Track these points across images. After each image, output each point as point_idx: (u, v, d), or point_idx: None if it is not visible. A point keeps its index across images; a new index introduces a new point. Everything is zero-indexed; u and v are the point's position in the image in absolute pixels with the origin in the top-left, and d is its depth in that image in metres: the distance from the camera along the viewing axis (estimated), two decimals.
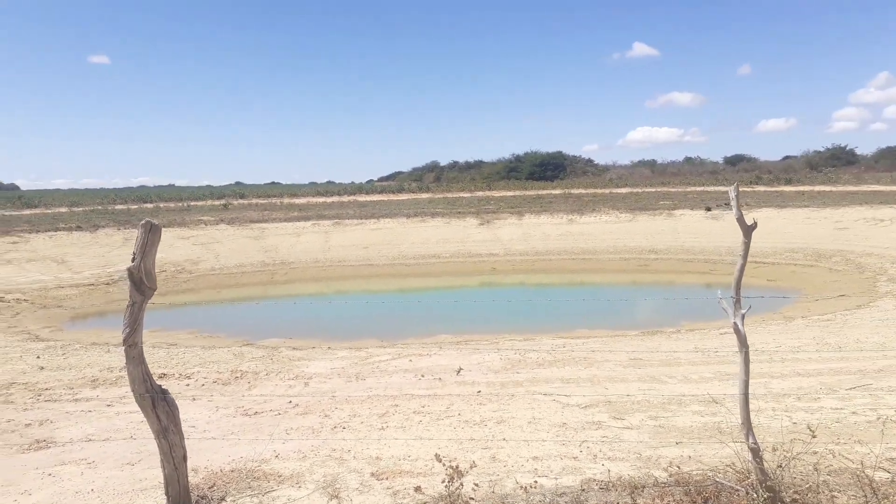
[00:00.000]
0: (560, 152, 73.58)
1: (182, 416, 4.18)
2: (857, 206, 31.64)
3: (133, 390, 3.89)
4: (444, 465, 4.25)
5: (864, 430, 5.40)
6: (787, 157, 76.58)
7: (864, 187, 41.27)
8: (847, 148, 68.27)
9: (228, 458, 5.33)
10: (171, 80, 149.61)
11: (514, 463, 4.95)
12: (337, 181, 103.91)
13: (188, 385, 8.35)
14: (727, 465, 4.25)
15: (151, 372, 4.03)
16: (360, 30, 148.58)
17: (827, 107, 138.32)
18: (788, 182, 47.42)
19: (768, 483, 3.61)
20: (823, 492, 3.86)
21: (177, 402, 4.11)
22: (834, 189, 40.84)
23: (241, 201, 45.70)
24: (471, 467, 4.52)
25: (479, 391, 7.45)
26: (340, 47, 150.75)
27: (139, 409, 3.97)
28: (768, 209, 30.46)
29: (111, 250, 25.48)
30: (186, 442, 4.18)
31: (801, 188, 42.78)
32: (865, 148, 76.37)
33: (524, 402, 6.84)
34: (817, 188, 42.09)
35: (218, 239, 28.93)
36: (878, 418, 5.78)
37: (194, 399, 7.53)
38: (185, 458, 4.14)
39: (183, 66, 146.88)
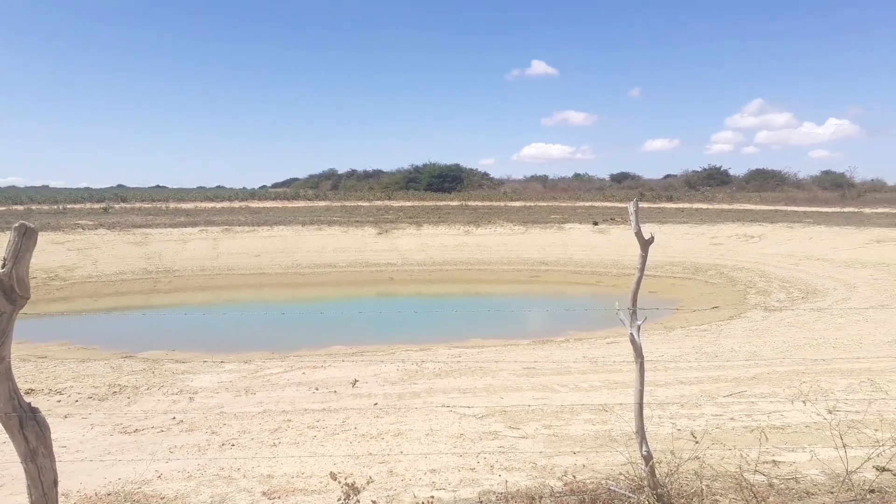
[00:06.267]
0: (458, 165, 74.40)
1: (53, 436, 3.81)
2: (730, 223, 34.15)
3: None
4: (339, 482, 4.12)
5: (741, 436, 5.74)
6: (668, 176, 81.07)
7: (737, 206, 44.56)
8: (722, 169, 73.21)
9: (105, 480, 4.94)
10: (47, 74, 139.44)
11: (411, 477, 4.88)
12: (227, 186, 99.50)
13: (59, 401, 7.74)
14: (620, 473, 4.37)
15: (18, 387, 3.66)
16: (256, 33, 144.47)
17: (706, 129, 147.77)
18: (670, 199, 50.28)
19: (659, 490, 3.74)
20: (707, 496, 4.05)
21: (47, 419, 3.76)
22: (710, 207, 43.89)
23: (122, 205, 43.07)
24: (367, 483, 4.42)
25: (376, 403, 7.34)
26: (232, 49, 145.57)
27: (3, 429, 3.60)
28: (651, 224, 32.18)
29: None
30: (58, 464, 3.83)
31: (681, 205, 45.60)
32: (738, 169, 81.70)
33: (421, 414, 6.79)
34: (695, 205, 45.05)
35: (96, 244, 27.21)
36: (755, 424, 6.16)
37: (67, 416, 6.98)
38: (55, 483, 3.77)
39: (60, 59, 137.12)
